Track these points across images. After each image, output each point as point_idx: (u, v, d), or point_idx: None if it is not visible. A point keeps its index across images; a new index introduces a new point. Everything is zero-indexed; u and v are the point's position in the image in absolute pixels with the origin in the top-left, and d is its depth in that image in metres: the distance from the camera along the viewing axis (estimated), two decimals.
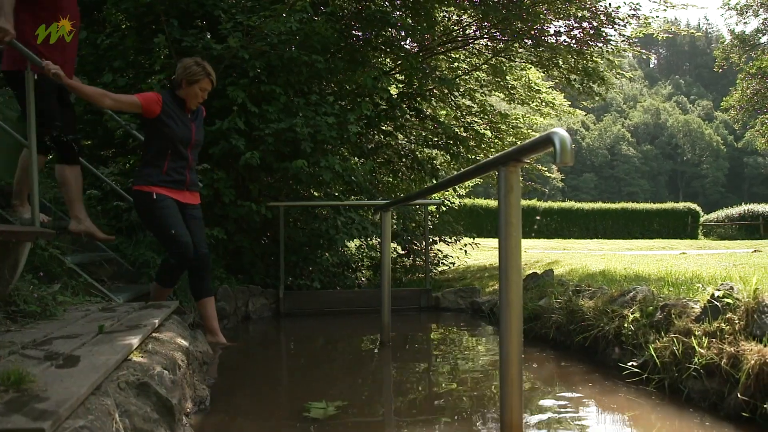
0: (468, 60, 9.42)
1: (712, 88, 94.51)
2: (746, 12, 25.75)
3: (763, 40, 26.14)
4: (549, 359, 3.47)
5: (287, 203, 5.72)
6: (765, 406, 2.14)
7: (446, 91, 8.24)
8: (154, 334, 2.84)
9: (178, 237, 3.65)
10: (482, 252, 9.51)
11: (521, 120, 10.09)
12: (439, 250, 7.59)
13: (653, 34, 9.53)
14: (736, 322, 2.50)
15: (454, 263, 7.75)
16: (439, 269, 7.51)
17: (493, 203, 23.86)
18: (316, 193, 6.56)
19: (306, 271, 6.09)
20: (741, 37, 26.61)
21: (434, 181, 7.08)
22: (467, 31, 8.76)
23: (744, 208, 31.72)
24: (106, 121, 5.10)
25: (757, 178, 78.95)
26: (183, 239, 3.66)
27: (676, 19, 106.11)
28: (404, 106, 7.22)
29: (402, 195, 7.32)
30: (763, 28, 26.06)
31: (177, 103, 3.80)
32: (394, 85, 7.81)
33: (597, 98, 9.73)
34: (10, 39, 3.24)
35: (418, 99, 7.67)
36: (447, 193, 7.69)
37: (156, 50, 5.16)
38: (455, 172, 8.25)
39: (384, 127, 7.53)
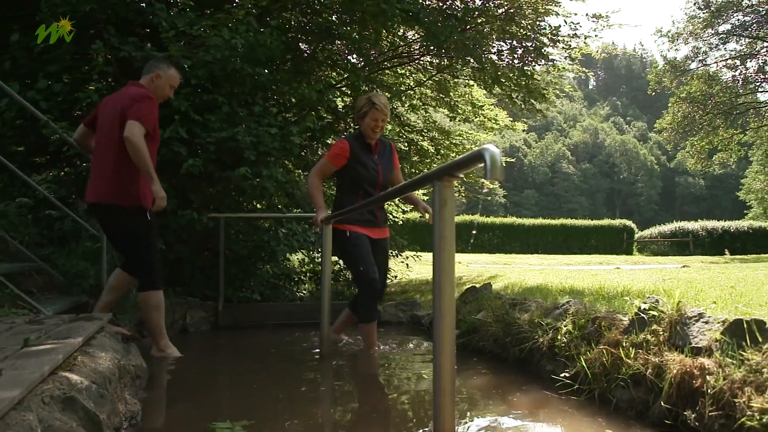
0: (414, 76, 9.55)
1: (646, 110, 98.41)
2: (677, 39, 26.92)
3: (693, 66, 27.38)
4: (485, 371, 3.52)
5: (228, 215, 5.65)
6: (685, 413, 2.23)
7: (394, 100, 8.31)
8: (84, 348, 2.76)
9: (366, 273, 3.90)
10: (424, 266, 9.59)
11: (464, 136, 10.27)
12: None
13: (592, 53, 9.89)
14: (661, 333, 2.61)
15: (396, 276, 7.79)
16: None
17: None
18: (258, 205, 6.50)
19: (246, 283, 6.02)
20: (672, 63, 27.82)
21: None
22: (412, 48, 8.88)
23: (675, 225, 33.14)
24: (41, 128, 4.94)
25: (687, 197, 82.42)
26: (371, 275, 3.90)
27: (613, 43, 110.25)
28: (349, 119, 7.26)
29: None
30: (692, 55, 27.31)
31: (363, 145, 4.04)
32: (340, 99, 7.84)
33: (539, 116, 10.01)
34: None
35: None
36: (390, 207, 7.74)
37: (95, 57, 5.04)
38: None
39: (329, 141, 7.54)
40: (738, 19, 25.45)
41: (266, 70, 5.53)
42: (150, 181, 3.69)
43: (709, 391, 2.19)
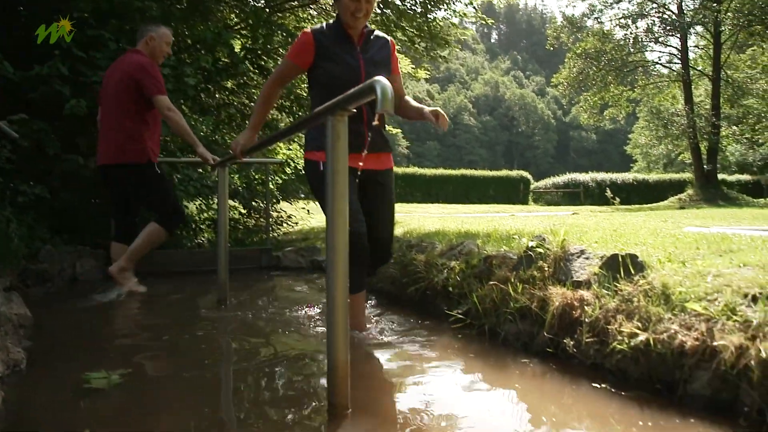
0: (316, 19, 9.34)
1: (545, 65, 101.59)
2: None
3: (588, 23, 28.43)
4: (382, 311, 3.59)
5: None
6: (565, 341, 2.38)
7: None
8: None
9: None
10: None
11: None
12: (283, 210, 7.54)
13: (495, 3, 10.04)
14: (546, 269, 2.75)
15: (297, 223, 7.76)
16: (283, 230, 7.48)
17: None
18: None
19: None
20: (570, 19, 28.75)
21: (278, 141, 6.98)
22: None
23: (569, 177, 34.91)
24: None
25: (580, 151, 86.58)
26: (353, 228, 2.63)
27: None
28: (247, 62, 7.02)
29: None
30: (588, 12, 28.31)
31: (339, 36, 2.91)
32: (238, 40, 7.56)
33: (441, 62, 10.11)
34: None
35: (264, 57, 7.49)
36: (291, 152, 7.63)
37: None
38: (302, 133, 8.21)
39: (227, 84, 7.28)
40: None
41: (157, 4, 5.22)
42: (195, 146, 4.09)
43: (586, 320, 2.34)
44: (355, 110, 1.76)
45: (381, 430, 1.80)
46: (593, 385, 2.13)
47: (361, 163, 2.57)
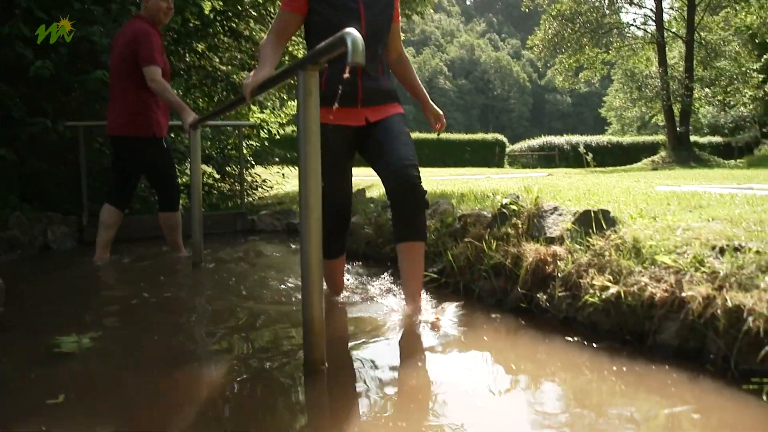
0: None
1: (520, 28, 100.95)
2: None
3: None
4: (357, 270, 3.61)
5: (87, 123, 5.25)
6: (538, 296, 2.42)
7: (264, 12, 7.93)
8: None
9: (326, 195, 2.12)
10: None
11: None
12: (257, 174, 7.48)
13: None
14: (520, 226, 2.78)
15: (272, 188, 7.71)
16: (258, 195, 7.43)
17: None
18: None
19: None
20: None
21: (250, 105, 6.89)
22: None
23: (544, 140, 35.10)
24: None
25: (555, 114, 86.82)
26: (332, 198, 2.55)
27: None
28: (217, 24, 6.86)
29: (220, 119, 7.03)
30: None
31: None
32: (208, 2, 7.37)
33: (416, 21, 10.03)
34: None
35: (235, 19, 7.32)
36: (264, 115, 7.53)
37: None
38: (275, 97, 8.10)
39: (199, 47, 7.12)
40: None
41: None
42: (182, 113, 3.93)
43: (559, 275, 2.37)
44: (327, 64, 1.73)
45: (356, 384, 1.82)
46: (566, 338, 2.16)
47: (331, 116, 2.27)
